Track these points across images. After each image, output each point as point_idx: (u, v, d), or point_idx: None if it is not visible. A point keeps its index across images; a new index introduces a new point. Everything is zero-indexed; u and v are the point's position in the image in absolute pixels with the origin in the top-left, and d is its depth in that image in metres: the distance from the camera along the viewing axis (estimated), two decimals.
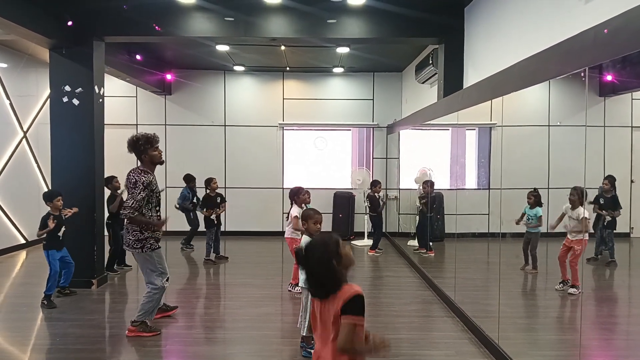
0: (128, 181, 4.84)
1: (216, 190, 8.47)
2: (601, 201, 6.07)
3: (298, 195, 6.49)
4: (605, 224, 6.09)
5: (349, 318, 2.14)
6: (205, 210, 8.30)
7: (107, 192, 7.31)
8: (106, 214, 7.27)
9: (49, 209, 5.89)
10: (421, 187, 8.92)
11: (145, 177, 4.76)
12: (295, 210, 6.34)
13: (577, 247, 5.66)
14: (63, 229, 5.91)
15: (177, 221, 9.20)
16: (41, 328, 5.33)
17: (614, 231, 6.11)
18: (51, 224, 5.70)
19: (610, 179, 5.98)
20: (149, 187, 4.77)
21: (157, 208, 4.99)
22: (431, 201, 8.46)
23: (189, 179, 9.19)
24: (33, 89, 9.77)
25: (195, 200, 9.17)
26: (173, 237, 9.54)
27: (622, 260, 6.61)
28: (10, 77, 9.06)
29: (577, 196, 5.58)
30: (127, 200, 4.78)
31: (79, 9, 6.41)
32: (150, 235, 4.82)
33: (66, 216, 6.03)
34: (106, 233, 7.24)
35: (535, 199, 6.23)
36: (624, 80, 5.79)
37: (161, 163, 4.97)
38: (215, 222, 8.40)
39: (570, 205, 5.73)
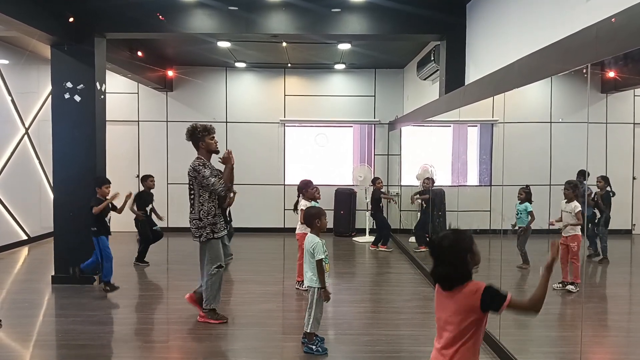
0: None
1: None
2: (596, 197, 6.08)
3: (307, 188, 6.43)
4: (600, 221, 6.10)
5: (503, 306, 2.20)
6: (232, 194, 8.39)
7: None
8: (131, 214, 7.50)
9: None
10: (422, 183, 8.95)
11: (198, 161, 4.94)
12: (303, 204, 6.26)
13: (572, 244, 5.65)
14: (110, 214, 6.20)
15: (181, 217, 9.19)
16: (43, 324, 5.36)
17: (608, 228, 6.12)
18: (105, 204, 6.03)
19: (603, 177, 6.02)
20: (206, 166, 4.93)
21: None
22: (432, 196, 8.48)
23: None
24: (34, 86, 9.78)
25: None
26: (177, 233, 9.56)
27: (623, 258, 6.61)
28: (11, 74, 9.06)
29: (572, 189, 5.60)
30: (206, 187, 4.87)
31: (80, 6, 6.41)
32: (207, 223, 4.92)
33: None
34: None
35: (526, 195, 6.27)
36: (626, 77, 5.78)
37: (217, 152, 5.10)
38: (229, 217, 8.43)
39: (565, 200, 5.74)
